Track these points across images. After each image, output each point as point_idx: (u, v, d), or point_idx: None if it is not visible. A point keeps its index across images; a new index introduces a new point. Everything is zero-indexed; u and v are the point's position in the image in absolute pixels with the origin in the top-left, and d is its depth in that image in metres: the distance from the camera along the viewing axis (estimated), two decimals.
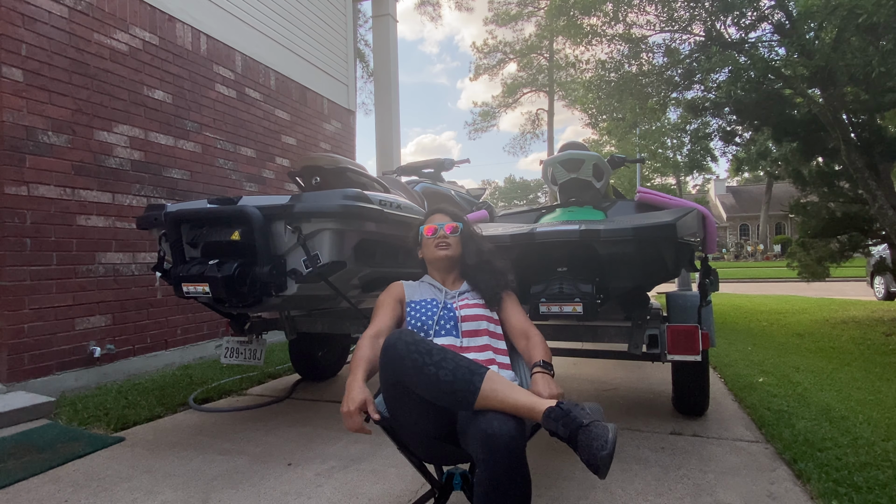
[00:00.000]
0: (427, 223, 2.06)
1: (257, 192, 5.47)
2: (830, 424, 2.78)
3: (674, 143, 20.30)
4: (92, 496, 2.14)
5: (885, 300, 9.20)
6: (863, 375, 4.03)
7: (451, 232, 2.00)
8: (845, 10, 4.42)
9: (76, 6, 3.80)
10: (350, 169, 3.02)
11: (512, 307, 1.97)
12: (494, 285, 1.97)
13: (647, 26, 6.42)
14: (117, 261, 4.04)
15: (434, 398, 1.41)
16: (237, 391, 3.74)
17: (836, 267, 7.15)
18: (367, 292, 2.97)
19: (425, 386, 1.40)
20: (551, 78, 29.51)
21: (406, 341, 1.45)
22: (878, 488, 2.03)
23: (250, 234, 2.37)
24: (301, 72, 6.26)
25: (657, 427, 2.86)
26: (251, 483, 2.22)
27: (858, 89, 5.63)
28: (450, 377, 1.38)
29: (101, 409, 3.20)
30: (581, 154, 3.16)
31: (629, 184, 26.14)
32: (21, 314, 3.41)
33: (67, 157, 3.71)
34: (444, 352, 1.44)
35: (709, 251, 2.91)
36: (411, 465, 1.76)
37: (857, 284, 12.55)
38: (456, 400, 1.38)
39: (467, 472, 1.70)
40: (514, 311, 1.95)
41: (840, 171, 6.82)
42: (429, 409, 1.48)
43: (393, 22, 7.86)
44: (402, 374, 1.43)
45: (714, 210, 38.84)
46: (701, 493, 2.07)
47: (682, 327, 2.52)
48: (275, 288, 2.45)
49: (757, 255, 29.93)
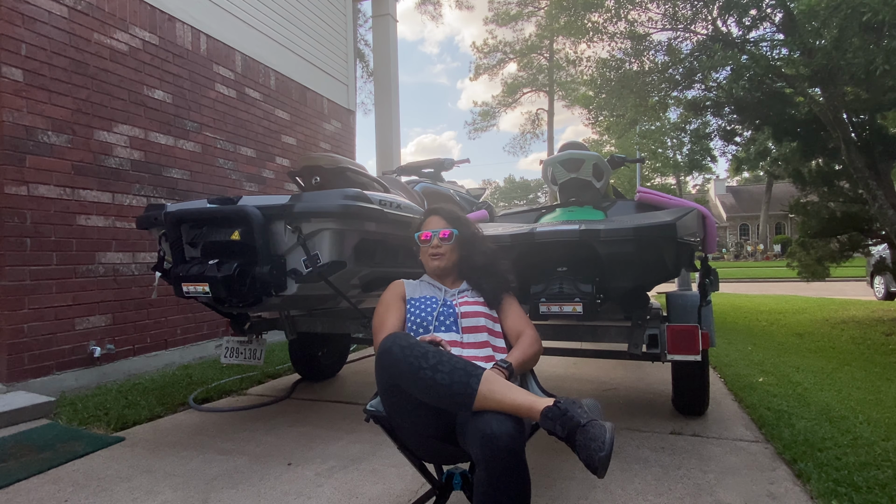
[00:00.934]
0: (423, 227, 2.01)
1: (257, 191, 5.47)
2: (830, 424, 2.78)
3: (674, 143, 20.33)
4: (92, 496, 2.14)
5: (884, 300, 9.20)
6: (863, 375, 4.03)
7: (445, 239, 1.94)
8: (848, 9, 4.41)
9: (76, 6, 3.80)
10: (350, 169, 3.01)
11: (510, 308, 1.96)
12: (495, 287, 1.96)
13: (650, 24, 6.42)
14: (117, 261, 4.04)
15: (432, 401, 1.41)
16: (237, 391, 3.74)
17: (836, 267, 7.16)
18: (367, 292, 2.97)
19: (422, 389, 1.40)
20: (551, 78, 29.51)
21: (401, 345, 1.45)
22: (878, 488, 2.03)
23: (250, 234, 2.37)
24: (301, 72, 6.26)
25: (657, 427, 2.86)
26: (251, 483, 2.22)
27: (859, 89, 5.63)
28: (446, 380, 1.38)
29: (100, 408, 3.20)
30: (581, 154, 3.16)
31: (629, 184, 26.14)
32: (21, 314, 3.41)
33: (67, 156, 3.71)
34: (439, 354, 1.43)
35: (709, 251, 2.91)
36: (411, 464, 1.77)
37: (857, 284, 12.55)
38: (454, 402, 1.38)
39: (467, 472, 1.70)
40: (512, 312, 1.95)
41: (840, 170, 6.82)
42: (427, 410, 1.48)
43: (393, 22, 7.86)
44: (399, 377, 1.43)
45: (714, 210, 38.82)
46: (701, 493, 2.07)
47: (682, 327, 2.52)
48: (275, 288, 2.45)
49: (757, 255, 29.93)
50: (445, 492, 1.73)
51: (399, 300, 1.92)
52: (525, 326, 1.89)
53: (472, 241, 2.02)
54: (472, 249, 2.00)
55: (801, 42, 5.12)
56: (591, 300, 2.24)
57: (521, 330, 1.88)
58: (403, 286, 1.99)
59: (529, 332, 1.86)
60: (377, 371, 1.51)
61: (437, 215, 2.02)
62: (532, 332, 1.86)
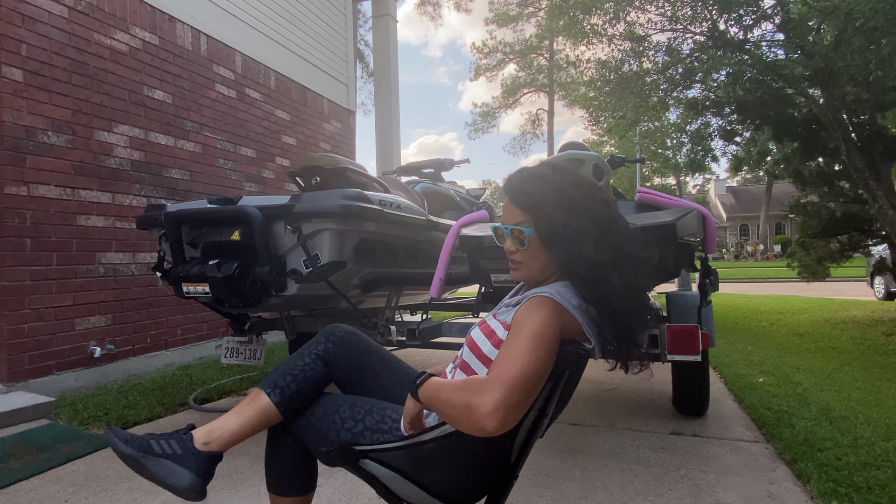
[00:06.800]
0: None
1: (257, 192, 5.47)
2: (830, 424, 2.78)
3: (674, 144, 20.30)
4: (92, 496, 2.14)
5: (885, 300, 9.20)
6: (863, 375, 4.03)
7: (518, 244, 1.20)
8: (842, 15, 4.43)
9: (76, 6, 3.80)
10: (350, 169, 3.01)
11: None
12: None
13: (649, 24, 6.42)
14: (117, 261, 4.04)
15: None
16: (237, 391, 3.74)
17: (836, 267, 7.16)
18: (367, 292, 2.97)
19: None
20: (551, 78, 29.51)
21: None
22: (878, 488, 2.03)
23: (250, 235, 2.37)
24: (301, 72, 6.26)
25: (657, 427, 2.86)
26: (251, 483, 2.22)
27: (859, 89, 5.63)
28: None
29: (101, 409, 3.20)
30: (581, 154, 3.16)
31: (629, 184, 26.14)
32: (21, 314, 3.41)
33: (67, 157, 3.71)
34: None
35: (709, 251, 2.91)
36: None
37: (857, 284, 12.54)
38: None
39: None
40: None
41: (840, 171, 6.82)
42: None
43: (393, 22, 7.86)
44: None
45: (714, 210, 38.82)
46: (701, 493, 2.07)
47: (682, 327, 2.52)
48: (275, 288, 2.45)
49: (757, 255, 29.92)
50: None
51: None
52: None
53: (580, 234, 1.14)
54: (573, 247, 1.15)
55: (799, 44, 5.13)
56: None
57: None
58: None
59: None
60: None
61: (509, 200, 1.22)
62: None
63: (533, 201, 1.17)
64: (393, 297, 3.17)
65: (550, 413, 1.18)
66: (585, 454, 2.51)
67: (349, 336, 1.43)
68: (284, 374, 1.32)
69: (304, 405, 1.32)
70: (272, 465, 1.40)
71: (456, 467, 1.18)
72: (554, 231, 1.14)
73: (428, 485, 1.20)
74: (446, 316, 5.46)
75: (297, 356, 1.38)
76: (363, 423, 1.26)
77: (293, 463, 1.38)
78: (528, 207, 1.17)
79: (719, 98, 6.48)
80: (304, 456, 1.38)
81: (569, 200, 1.15)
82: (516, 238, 1.19)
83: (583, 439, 2.71)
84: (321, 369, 1.36)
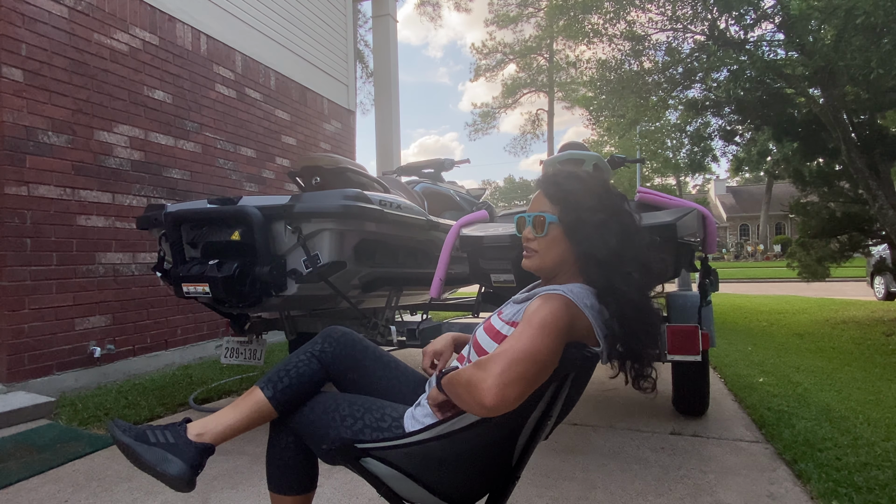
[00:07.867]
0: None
1: (257, 192, 5.47)
2: (830, 424, 2.78)
3: (674, 144, 20.30)
4: (92, 496, 2.14)
5: (885, 300, 9.19)
6: (863, 375, 4.03)
7: (537, 230, 1.24)
8: (843, 12, 4.43)
9: (76, 6, 3.80)
10: (350, 169, 3.01)
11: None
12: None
13: (649, 24, 6.42)
14: (117, 261, 4.04)
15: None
16: (237, 391, 3.74)
17: (836, 267, 7.15)
18: (367, 292, 2.97)
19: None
20: (551, 78, 29.52)
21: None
22: (878, 488, 2.03)
23: (250, 235, 2.37)
24: (301, 72, 6.26)
25: (657, 427, 2.86)
26: (251, 483, 2.22)
27: (859, 89, 5.63)
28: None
29: (101, 409, 3.20)
30: (581, 154, 3.16)
31: (629, 184, 26.14)
32: (21, 314, 3.41)
33: (67, 157, 3.71)
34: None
35: (709, 251, 2.90)
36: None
37: (857, 284, 12.54)
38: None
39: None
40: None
41: (840, 171, 6.82)
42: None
43: (393, 22, 7.86)
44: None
45: (714, 210, 38.81)
46: (701, 493, 2.07)
47: (683, 327, 2.52)
48: (275, 288, 2.45)
49: (757, 255, 29.92)
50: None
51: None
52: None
53: (601, 228, 1.19)
54: (595, 241, 1.19)
55: (799, 43, 5.13)
56: None
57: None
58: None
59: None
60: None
61: (541, 191, 1.28)
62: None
63: (563, 192, 1.23)
64: (393, 298, 3.17)
65: (555, 415, 1.19)
66: (585, 454, 2.51)
67: (346, 337, 1.45)
68: (279, 370, 1.35)
69: (298, 400, 1.33)
70: (273, 463, 1.41)
71: (458, 466, 1.19)
72: (580, 219, 1.19)
73: (429, 483, 1.21)
74: (446, 316, 5.46)
75: (293, 355, 1.41)
76: (363, 420, 1.27)
77: (294, 461, 1.39)
78: (557, 199, 1.23)
79: (719, 98, 6.48)
80: (305, 455, 1.39)
81: (597, 199, 1.22)
82: (537, 224, 1.24)
83: (583, 439, 2.71)
84: (315, 366, 1.38)
